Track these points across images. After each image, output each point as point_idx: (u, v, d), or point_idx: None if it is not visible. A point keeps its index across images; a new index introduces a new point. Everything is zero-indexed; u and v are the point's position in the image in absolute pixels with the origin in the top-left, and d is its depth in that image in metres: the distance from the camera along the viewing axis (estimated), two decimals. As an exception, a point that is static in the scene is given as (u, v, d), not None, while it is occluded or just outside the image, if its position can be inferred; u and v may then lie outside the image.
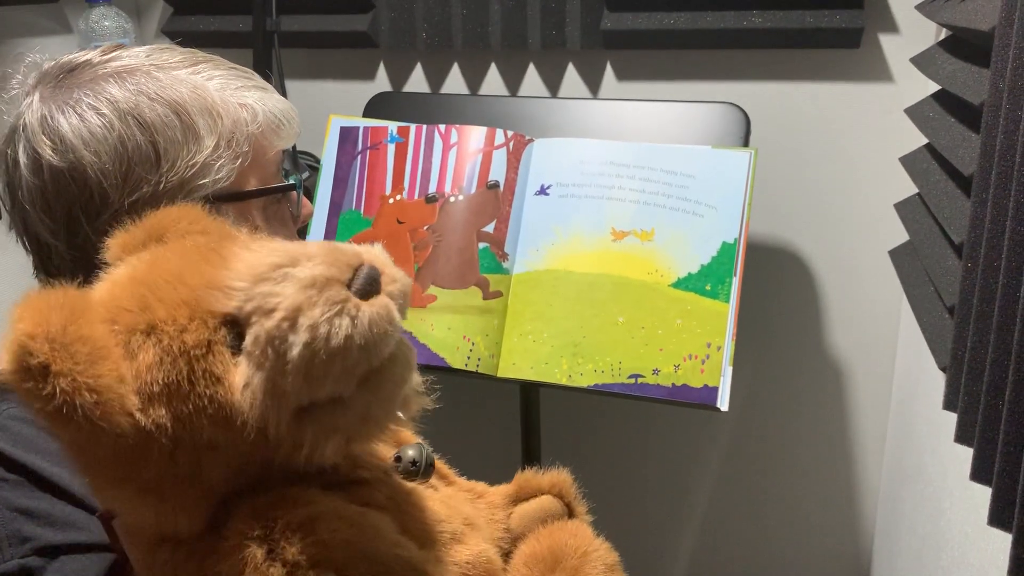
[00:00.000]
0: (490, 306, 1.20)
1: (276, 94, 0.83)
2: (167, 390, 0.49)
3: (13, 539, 0.67)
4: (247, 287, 0.50)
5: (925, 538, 1.19)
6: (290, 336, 0.48)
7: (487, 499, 0.72)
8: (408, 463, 0.62)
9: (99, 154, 0.72)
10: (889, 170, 1.39)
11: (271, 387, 0.48)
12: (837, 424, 1.62)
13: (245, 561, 0.48)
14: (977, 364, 0.72)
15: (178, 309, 0.50)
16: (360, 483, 0.58)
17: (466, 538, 0.62)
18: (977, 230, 0.74)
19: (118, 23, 1.58)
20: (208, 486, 0.51)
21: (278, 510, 0.50)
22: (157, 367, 0.49)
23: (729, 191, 1.16)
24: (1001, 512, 0.66)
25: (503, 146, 1.25)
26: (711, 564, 1.80)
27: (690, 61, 1.51)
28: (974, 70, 0.95)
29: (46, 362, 0.44)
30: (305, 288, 0.48)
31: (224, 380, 0.49)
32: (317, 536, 0.49)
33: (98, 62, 0.76)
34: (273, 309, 0.48)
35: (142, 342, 0.49)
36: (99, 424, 0.46)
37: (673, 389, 1.11)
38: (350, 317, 0.48)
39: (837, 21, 1.35)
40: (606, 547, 0.68)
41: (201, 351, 0.49)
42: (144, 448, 0.48)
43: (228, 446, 0.50)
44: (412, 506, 0.60)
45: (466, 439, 1.76)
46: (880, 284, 1.51)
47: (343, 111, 1.37)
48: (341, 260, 0.50)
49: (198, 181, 0.75)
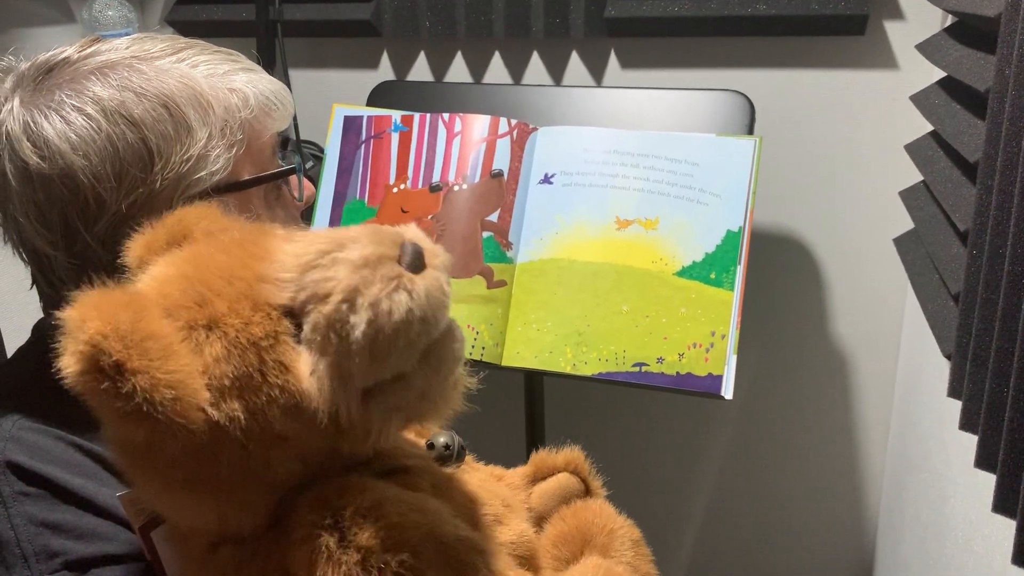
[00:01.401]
0: (494, 295, 1.20)
1: (265, 74, 0.80)
2: (239, 383, 0.48)
3: (41, 554, 0.65)
4: (297, 276, 0.50)
5: (929, 525, 1.20)
6: (351, 317, 0.48)
7: (507, 481, 0.73)
8: (441, 448, 0.63)
9: (88, 157, 0.68)
10: (894, 157, 1.39)
11: (338, 371, 0.49)
12: (841, 412, 1.62)
13: (318, 550, 0.48)
14: (982, 352, 0.72)
15: (239, 303, 0.50)
16: (404, 471, 0.58)
17: (507, 519, 0.63)
18: (982, 217, 0.74)
19: (122, 12, 1.57)
20: (276, 480, 0.51)
21: (344, 498, 0.50)
22: (226, 360, 0.49)
23: (733, 179, 1.16)
24: (1005, 499, 0.66)
25: (507, 135, 1.25)
26: (714, 552, 1.80)
27: (694, 49, 1.50)
28: (980, 57, 0.94)
29: (121, 360, 0.44)
30: (359, 268, 0.49)
31: (293, 369, 0.49)
32: (388, 520, 0.49)
33: (77, 59, 0.73)
34: (329, 293, 0.49)
35: (205, 337, 0.49)
36: (178, 421, 0.45)
37: (677, 378, 1.11)
38: (407, 291, 0.49)
39: (842, 8, 1.34)
40: (629, 523, 0.70)
41: (269, 342, 0.49)
42: (217, 443, 0.48)
43: (298, 436, 0.50)
44: (455, 491, 0.61)
45: (470, 428, 1.76)
46: (885, 272, 1.50)
47: (347, 100, 1.36)
48: (387, 238, 0.51)
49: (195, 175, 0.72)
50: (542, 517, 0.70)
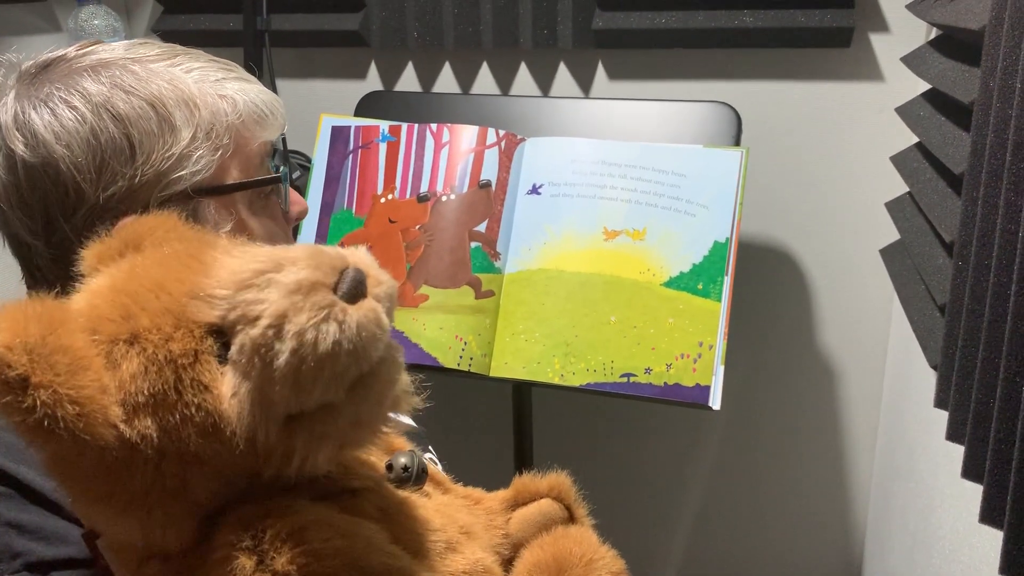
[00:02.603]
0: (482, 305, 1.19)
1: (259, 85, 0.81)
2: (153, 400, 0.47)
3: (3, 554, 0.65)
4: (230, 295, 0.48)
5: (916, 535, 1.20)
6: (276, 344, 0.46)
7: (485, 505, 0.70)
8: (400, 470, 0.62)
9: (71, 147, 0.70)
10: (880, 169, 1.39)
11: (259, 396, 0.47)
12: (829, 422, 1.62)
13: (234, 572, 0.47)
14: (968, 362, 0.73)
15: (162, 318, 0.49)
16: (350, 493, 0.56)
17: (462, 547, 0.61)
18: (967, 228, 0.74)
19: (108, 22, 1.57)
20: (195, 499, 0.50)
21: (267, 520, 0.49)
22: (142, 376, 0.47)
23: (720, 190, 1.16)
24: (992, 509, 0.66)
25: (495, 145, 1.25)
26: (703, 563, 1.80)
27: (681, 60, 1.51)
28: (964, 69, 0.95)
29: (25, 374, 0.43)
30: (290, 293, 0.47)
31: (212, 389, 0.48)
32: (308, 545, 0.48)
33: (72, 57, 0.75)
34: (258, 317, 0.47)
35: (125, 351, 0.48)
36: (82, 437, 0.44)
37: (665, 388, 1.11)
38: (337, 322, 0.47)
39: (828, 20, 1.35)
40: (612, 554, 0.66)
41: (188, 360, 0.48)
42: (129, 461, 0.47)
43: (215, 457, 0.49)
44: (404, 516, 0.59)
45: (458, 439, 1.75)
46: (871, 283, 1.51)
47: (334, 110, 1.36)
48: (326, 263, 0.49)
49: (175, 173, 0.73)
50: (520, 544, 0.67)
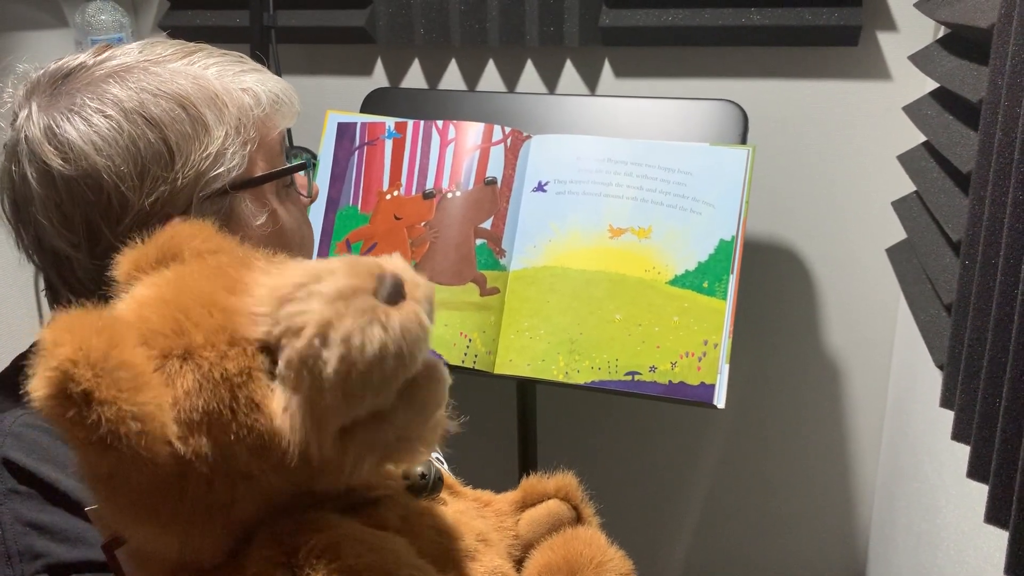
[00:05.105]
0: (487, 302, 1.19)
1: (271, 74, 0.82)
2: (208, 418, 0.47)
3: (25, 554, 0.66)
4: (272, 311, 0.49)
5: (921, 536, 1.19)
6: (323, 352, 0.46)
7: (494, 507, 0.70)
8: (416, 478, 0.62)
9: (112, 157, 0.70)
10: (887, 168, 1.39)
11: (310, 408, 0.47)
12: (834, 422, 1.62)
13: None
14: (974, 361, 0.72)
15: (217, 335, 0.49)
16: (374, 504, 0.57)
17: (480, 555, 0.61)
18: (975, 227, 0.74)
19: (115, 17, 1.57)
20: (240, 517, 0.50)
21: (300, 536, 0.49)
22: (196, 394, 0.47)
23: (727, 188, 1.16)
24: (998, 509, 0.66)
25: (501, 142, 1.25)
26: (707, 561, 1.80)
27: (688, 58, 1.51)
28: (972, 67, 0.95)
29: (90, 389, 0.42)
30: (332, 301, 0.47)
31: (264, 407, 0.48)
32: (342, 561, 0.48)
33: (93, 64, 0.75)
34: (302, 327, 0.47)
35: (179, 367, 0.48)
36: (142, 454, 0.44)
37: (670, 386, 1.11)
38: (381, 324, 0.47)
39: (835, 19, 1.35)
40: (620, 555, 0.66)
41: (243, 378, 0.48)
42: (183, 477, 0.47)
43: (265, 474, 0.49)
44: (426, 527, 0.59)
45: (463, 436, 1.75)
46: (877, 282, 1.51)
47: (340, 107, 1.36)
48: (363, 270, 0.49)
49: (213, 172, 0.74)
50: (530, 545, 0.68)
